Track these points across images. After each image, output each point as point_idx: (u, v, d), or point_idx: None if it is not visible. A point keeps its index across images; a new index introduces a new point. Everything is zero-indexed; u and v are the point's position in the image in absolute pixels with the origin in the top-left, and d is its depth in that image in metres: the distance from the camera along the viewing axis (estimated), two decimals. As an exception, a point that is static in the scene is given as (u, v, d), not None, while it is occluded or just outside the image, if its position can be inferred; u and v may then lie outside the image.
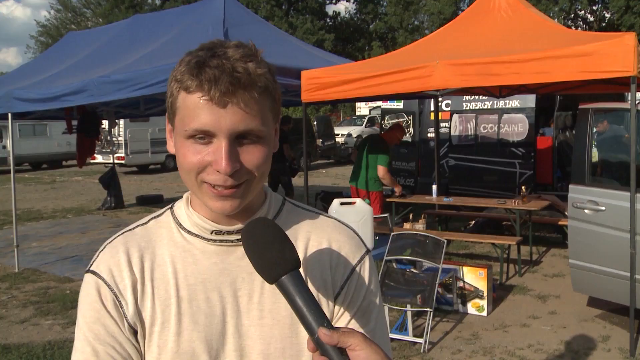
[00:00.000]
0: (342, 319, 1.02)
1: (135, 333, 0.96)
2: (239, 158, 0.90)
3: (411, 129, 11.17)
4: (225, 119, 0.87)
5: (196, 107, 0.87)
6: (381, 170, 6.98)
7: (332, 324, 0.84)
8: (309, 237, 1.04)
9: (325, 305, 1.01)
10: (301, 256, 1.00)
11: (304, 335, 0.97)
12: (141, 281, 0.97)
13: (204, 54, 0.89)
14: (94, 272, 0.98)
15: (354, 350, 0.79)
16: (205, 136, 0.88)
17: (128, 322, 0.96)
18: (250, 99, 0.88)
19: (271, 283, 0.87)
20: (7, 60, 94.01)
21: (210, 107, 0.87)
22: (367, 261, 1.06)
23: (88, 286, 0.98)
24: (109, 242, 1.02)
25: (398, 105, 11.48)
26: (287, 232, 0.98)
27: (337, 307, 1.02)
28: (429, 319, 4.57)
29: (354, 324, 1.01)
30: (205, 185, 0.91)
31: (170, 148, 0.99)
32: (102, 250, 1.01)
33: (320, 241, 1.04)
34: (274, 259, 0.85)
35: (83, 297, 0.98)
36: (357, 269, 1.04)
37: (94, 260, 1.00)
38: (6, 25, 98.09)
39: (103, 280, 0.97)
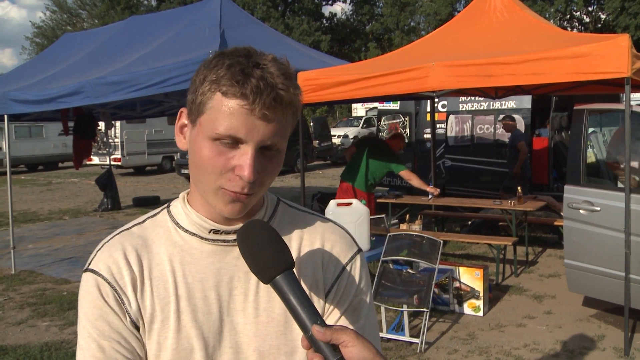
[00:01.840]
0: (332, 316, 1.04)
1: (137, 329, 0.98)
2: (259, 168, 0.92)
3: (407, 130, 11.19)
4: (259, 130, 0.89)
5: (232, 113, 0.88)
6: (406, 174, 7.02)
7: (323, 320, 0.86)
8: (302, 236, 1.07)
9: (317, 302, 1.03)
10: (294, 255, 1.03)
11: (297, 332, 0.99)
12: (140, 279, 0.99)
13: (244, 61, 0.90)
14: (92, 271, 0.99)
15: (346, 346, 0.81)
16: (233, 141, 0.90)
17: (131, 318, 0.97)
18: (284, 116, 0.92)
19: (266, 283, 0.89)
20: (3, 61, 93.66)
21: (249, 116, 0.88)
22: (358, 260, 1.08)
23: (88, 284, 0.99)
24: (106, 242, 1.03)
25: (394, 106, 11.49)
26: (282, 232, 1.00)
27: (327, 305, 1.04)
28: (426, 319, 4.58)
29: (343, 321, 1.04)
30: (222, 190, 0.92)
31: (182, 144, 1.00)
32: (99, 249, 1.02)
33: (312, 240, 1.06)
34: (269, 260, 0.88)
35: (83, 295, 0.99)
36: (348, 267, 1.06)
37: (92, 260, 1.01)
38: (1, 26, 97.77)
39: (103, 277, 0.98)
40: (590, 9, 31.23)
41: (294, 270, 0.90)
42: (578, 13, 31.63)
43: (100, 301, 0.97)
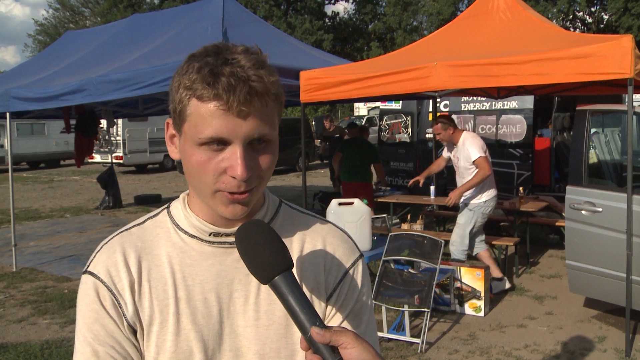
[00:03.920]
0: (333, 320, 1.03)
1: (134, 333, 0.97)
2: (251, 163, 0.90)
3: (410, 130, 11.19)
4: (242, 126, 0.88)
5: (211, 116, 0.87)
6: (378, 166, 8.35)
7: None
8: (304, 239, 1.06)
9: (318, 305, 1.02)
10: (296, 258, 1.02)
11: (298, 335, 0.98)
12: (138, 281, 0.98)
13: (213, 60, 0.88)
14: (91, 273, 0.99)
15: (345, 348, 0.81)
16: (219, 143, 0.89)
17: (127, 322, 0.96)
18: (264, 106, 0.89)
19: (264, 283, 0.88)
20: (5, 58, 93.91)
21: (227, 115, 0.87)
22: (360, 265, 1.08)
23: (86, 287, 0.98)
24: (105, 243, 1.02)
25: (396, 105, 11.48)
26: (283, 234, 0.99)
27: (329, 309, 1.04)
28: (427, 319, 4.58)
29: (345, 326, 1.02)
30: (220, 192, 0.91)
31: (174, 154, 0.99)
32: (98, 250, 1.02)
33: (314, 243, 1.06)
34: (267, 260, 0.87)
35: (81, 298, 0.98)
36: (350, 272, 1.06)
37: (91, 261, 1.01)
38: (4, 24, 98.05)
39: (101, 280, 0.97)
40: (592, 9, 31.20)
41: (295, 271, 0.89)
42: (581, 13, 31.61)
43: (97, 305, 0.96)
